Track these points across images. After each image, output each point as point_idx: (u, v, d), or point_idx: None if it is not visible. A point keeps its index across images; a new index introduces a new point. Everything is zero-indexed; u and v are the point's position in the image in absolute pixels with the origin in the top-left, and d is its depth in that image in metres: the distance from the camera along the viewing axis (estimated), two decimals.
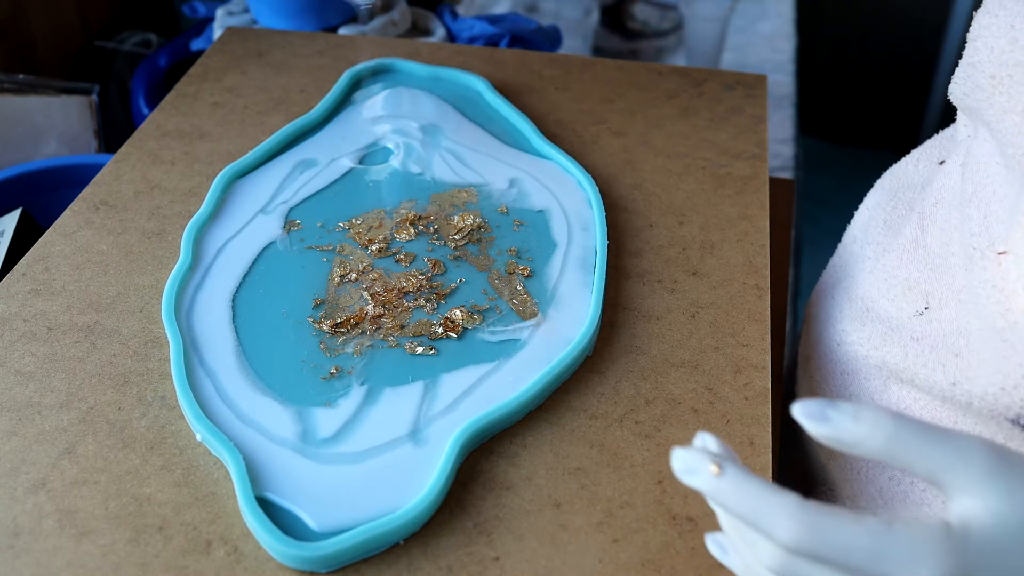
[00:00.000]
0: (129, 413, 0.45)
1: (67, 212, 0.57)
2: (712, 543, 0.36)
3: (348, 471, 0.43)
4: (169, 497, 0.42)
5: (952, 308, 0.46)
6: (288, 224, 0.56)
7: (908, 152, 0.61)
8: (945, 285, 0.47)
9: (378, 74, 0.70)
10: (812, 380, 0.57)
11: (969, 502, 0.29)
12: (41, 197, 0.73)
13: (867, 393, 0.51)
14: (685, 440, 0.45)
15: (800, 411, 0.30)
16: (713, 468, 0.31)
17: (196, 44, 0.94)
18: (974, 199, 0.45)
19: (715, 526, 0.41)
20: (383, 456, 0.43)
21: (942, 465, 0.30)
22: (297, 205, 0.58)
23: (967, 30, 0.45)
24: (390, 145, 0.62)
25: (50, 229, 0.56)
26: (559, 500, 0.42)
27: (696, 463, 0.31)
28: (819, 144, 1.95)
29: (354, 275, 0.53)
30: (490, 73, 0.70)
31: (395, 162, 0.61)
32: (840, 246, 0.60)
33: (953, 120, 0.55)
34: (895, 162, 0.61)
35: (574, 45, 1.19)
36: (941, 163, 0.54)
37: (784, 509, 0.30)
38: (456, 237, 0.55)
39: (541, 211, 0.58)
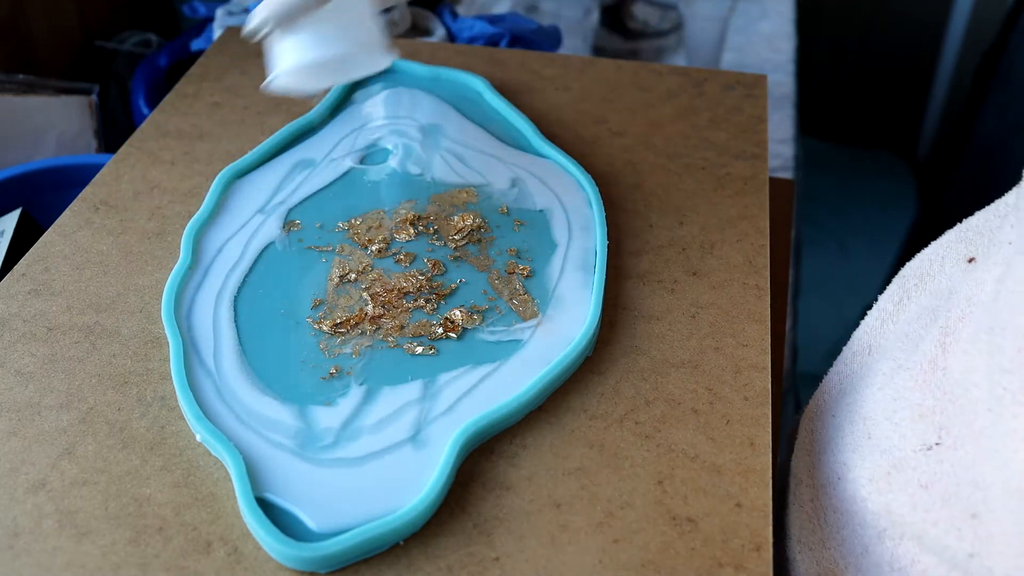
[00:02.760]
0: (129, 413, 0.45)
1: (67, 212, 0.57)
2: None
3: (348, 471, 0.43)
4: (169, 498, 0.42)
5: (969, 450, 0.38)
6: (288, 224, 0.56)
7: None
8: (963, 421, 0.39)
9: (378, 74, 0.70)
10: (803, 511, 0.49)
11: None
12: (41, 197, 0.73)
13: (863, 544, 0.43)
14: (685, 441, 0.45)
15: None
16: None
17: (196, 44, 0.94)
18: (1009, 328, 0.37)
19: (715, 526, 0.41)
20: (383, 456, 0.43)
21: None
22: (297, 205, 0.58)
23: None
24: (389, 146, 0.62)
25: (50, 229, 0.56)
26: (559, 500, 0.42)
27: None
28: (819, 144, 1.95)
29: (354, 275, 0.53)
30: (490, 73, 0.70)
31: (393, 162, 0.61)
32: (846, 352, 0.52)
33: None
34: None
35: (574, 45, 1.19)
36: (970, 261, 0.46)
37: None
38: (456, 237, 0.55)
39: (541, 211, 0.58)
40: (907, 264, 0.50)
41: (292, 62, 0.50)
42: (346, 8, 0.50)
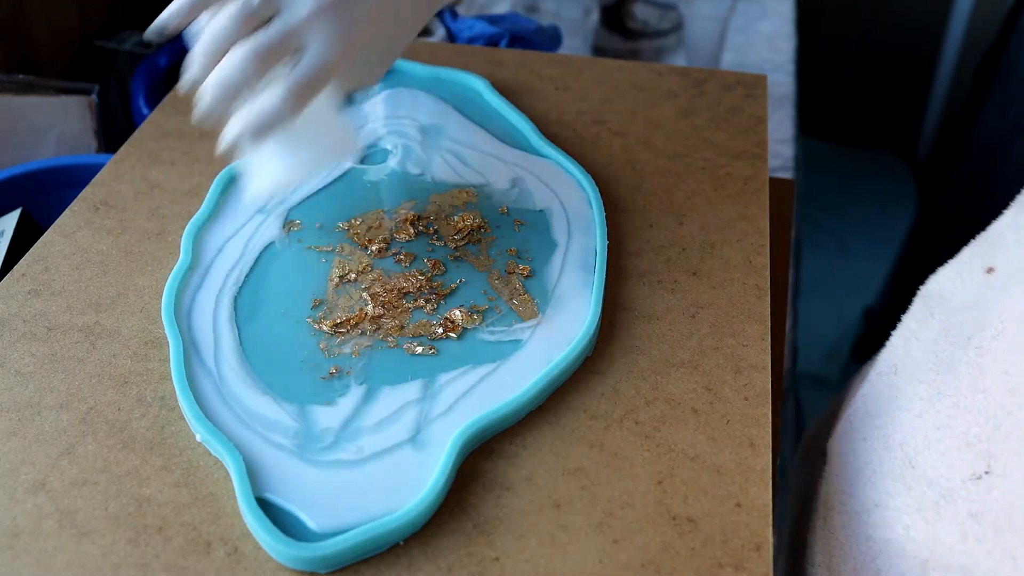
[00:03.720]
0: (129, 413, 0.45)
1: (67, 212, 0.57)
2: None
3: (348, 471, 0.43)
4: (169, 498, 0.42)
5: (1020, 477, 0.37)
6: (288, 224, 0.56)
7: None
8: (1010, 447, 0.38)
9: None
10: (833, 538, 0.48)
11: None
12: (41, 197, 0.73)
13: (901, 574, 0.42)
14: (685, 441, 0.45)
15: None
16: None
17: None
18: None
19: (715, 526, 0.41)
20: (383, 456, 0.43)
21: None
22: (297, 205, 0.58)
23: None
24: (389, 146, 0.62)
25: (50, 229, 0.56)
26: (559, 500, 0.42)
27: None
28: (819, 144, 1.96)
29: (353, 275, 0.53)
30: (490, 73, 0.70)
31: (393, 162, 0.61)
32: (871, 373, 0.50)
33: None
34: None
35: (574, 45, 1.19)
36: (989, 271, 0.45)
37: None
38: (456, 237, 0.55)
39: (541, 211, 0.58)
40: (927, 282, 0.49)
41: (269, 179, 0.50)
42: (314, 111, 0.48)
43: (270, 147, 0.50)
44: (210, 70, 0.46)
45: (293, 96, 0.45)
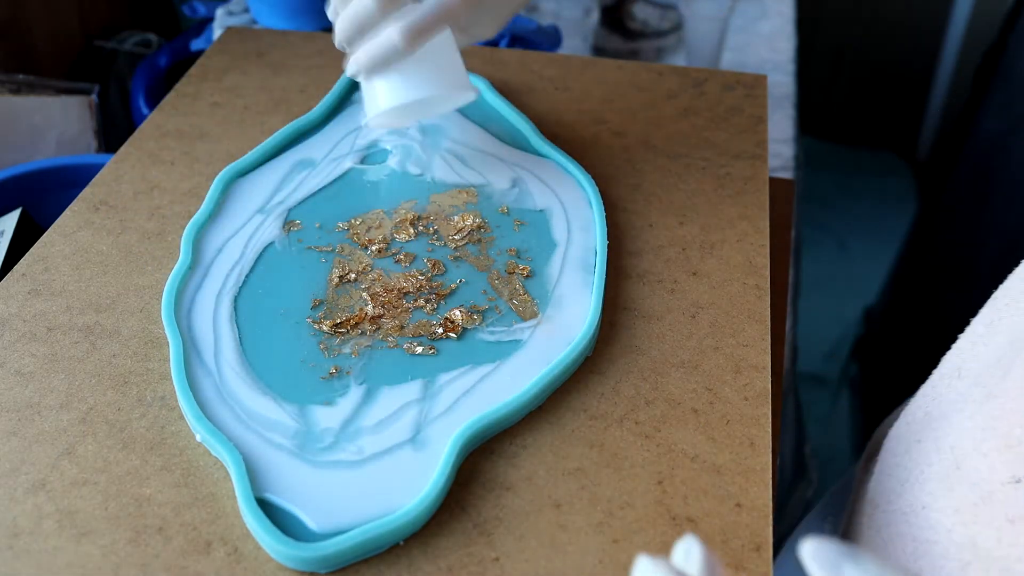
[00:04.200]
0: (129, 413, 0.45)
1: (67, 212, 0.57)
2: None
3: (348, 471, 0.43)
4: (169, 498, 0.42)
5: None
6: (288, 224, 0.56)
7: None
8: None
9: None
10: (878, 536, 0.48)
11: None
12: (41, 197, 0.73)
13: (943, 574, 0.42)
14: (685, 441, 0.45)
15: (810, 555, 0.27)
16: None
17: (196, 44, 0.94)
18: None
19: (715, 526, 0.41)
20: (383, 457, 0.43)
21: None
22: (297, 205, 0.58)
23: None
24: (388, 146, 0.62)
25: (50, 229, 0.56)
26: (559, 500, 0.42)
27: None
28: (819, 144, 1.96)
29: (353, 275, 0.53)
30: (490, 73, 0.70)
31: (393, 162, 0.61)
32: (935, 375, 0.50)
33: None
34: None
35: (574, 45, 1.19)
36: None
37: None
38: (456, 237, 0.55)
39: (542, 211, 0.58)
40: (999, 286, 0.48)
41: (385, 105, 0.54)
42: (434, 51, 0.54)
43: (389, 80, 0.54)
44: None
45: (410, 34, 0.51)
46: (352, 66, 0.54)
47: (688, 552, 0.29)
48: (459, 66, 0.56)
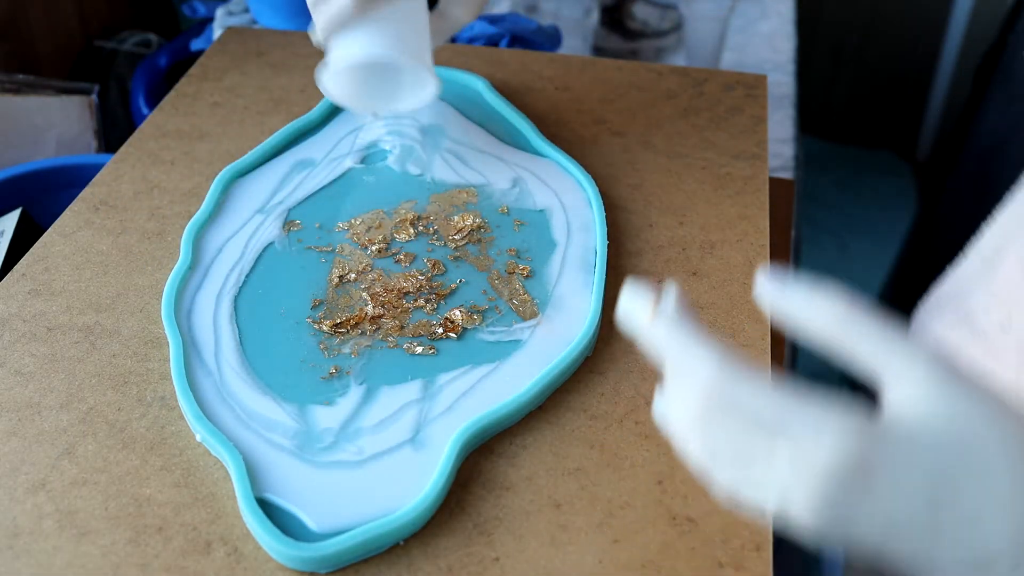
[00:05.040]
0: (129, 413, 0.45)
1: (67, 212, 0.57)
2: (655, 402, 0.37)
3: (348, 472, 0.43)
4: (169, 498, 0.42)
5: None
6: (288, 224, 0.56)
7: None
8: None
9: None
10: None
11: (906, 391, 0.29)
12: (41, 197, 0.73)
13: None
14: None
15: (762, 276, 0.31)
16: (648, 314, 0.33)
17: (196, 44, 0.94)
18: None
19: (715, 526, 0.41)
20: (383, 457, 0.43)
21: (890, 352, 0.29)
22: (296, 205, 0.58)
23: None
24: (388, 146, 0.62)
25: (50, 229, 0.56)
26: (559, 500, 0.42)
27: (634, 305, 0.33)
28: (819, 144, 1.95)
29: (353, 275, 0.53)
30: (490, 73, 0.70)
31: (393, 162, 0.61)
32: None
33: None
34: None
35: (574, 45, 1.19)
36: None
37: (707, 359, 0.31)
38: (456, 237, 0.55)
39: (541, 211, 0.58)
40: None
41: (336, 65, 0.54)
42: (397, 22, 0.53)
43: (350, 38, 0.54)
44: None
45: None
46: (314, 36, 0.55)
47: (668, 291, 0.34)
48: (423, 45, 0.55)
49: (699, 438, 0.31)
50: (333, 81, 0.56)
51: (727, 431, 0.30)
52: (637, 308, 0.33)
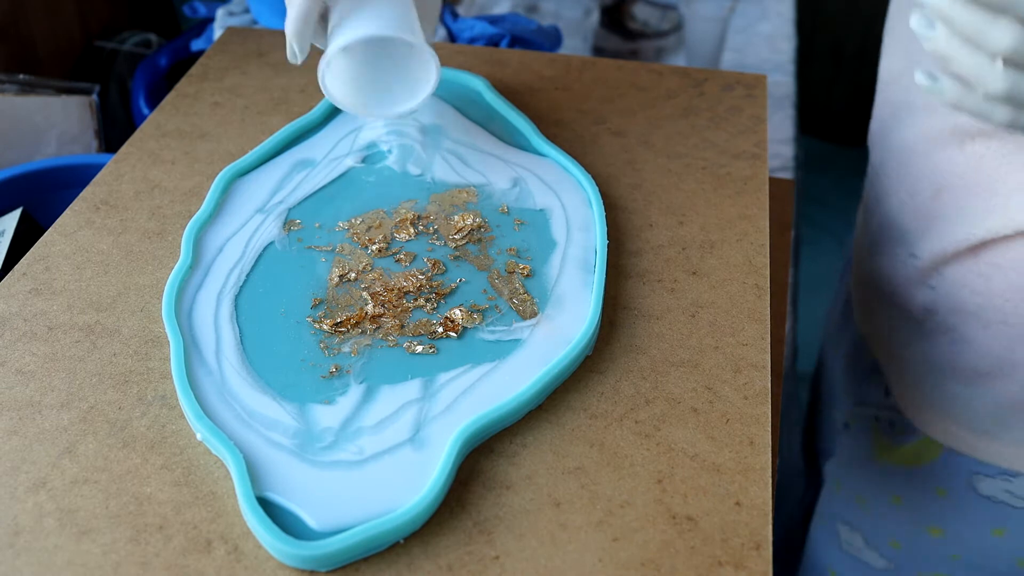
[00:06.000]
0: (129, 412, 0.46)
1: (67, 212, 0.57)
2: (920, 74, 0.42)
3: (348, 470, 0.43)
4: (169, 496, 0.42)
5: None
6: (288, 224, 0.56)
7: None
8: None
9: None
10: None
11: None
12: (41, 197, 0.73)
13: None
14: (685, 440, 0.45)
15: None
16: None
17: (196, 44, 0.94)
18: None
19: (715, 525, 0.41)
20: (383, 456, 0.43)
21: None
22: (296, 205, 0.58)
23: None
24: (388, 146, 0.63)
25: (50, 229, 0.56)
26: (559, 499, 0.42)
27: None
28: (819, 144, 1.96)
29: (354, 275, 0.53)
30: (490, 73, 0.71)
31: (393, 162, 0.61)
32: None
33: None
34: None
35: (574, 45, 1.19)
36: None
37: None
38: (456, 237, 0.55)
39: (542, 210, 0.58)
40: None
41: (342, 40, 0.54)
42: (393, 4, 0.54)
43: (340, 28, 0.54)
44: None
45: None
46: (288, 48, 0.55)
47: None
48: (417, 27, 0.55)
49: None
50: (333, 76, 0.57)
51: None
52: None
